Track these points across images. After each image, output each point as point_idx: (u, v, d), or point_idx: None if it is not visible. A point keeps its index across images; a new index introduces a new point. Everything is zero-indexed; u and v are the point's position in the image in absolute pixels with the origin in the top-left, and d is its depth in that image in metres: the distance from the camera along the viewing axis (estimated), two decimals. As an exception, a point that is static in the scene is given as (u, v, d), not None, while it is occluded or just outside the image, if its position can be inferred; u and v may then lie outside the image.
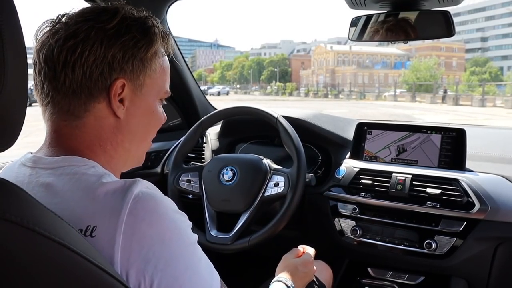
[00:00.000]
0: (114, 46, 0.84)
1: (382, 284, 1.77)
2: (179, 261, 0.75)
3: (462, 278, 1.66)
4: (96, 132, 0.87)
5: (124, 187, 0.76)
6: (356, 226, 1.75)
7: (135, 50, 0.86)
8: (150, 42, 0.88)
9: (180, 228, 0.78)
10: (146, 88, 0.91)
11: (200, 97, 2.49)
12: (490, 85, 47.22)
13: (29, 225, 0.56)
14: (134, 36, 0.86)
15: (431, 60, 64.49)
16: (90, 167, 0.82)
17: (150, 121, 0.96)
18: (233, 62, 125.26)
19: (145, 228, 0.73)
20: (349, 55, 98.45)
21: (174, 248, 0.75)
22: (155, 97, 0.95)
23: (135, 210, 0.73)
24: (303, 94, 61.10)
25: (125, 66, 0.86)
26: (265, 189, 1.64)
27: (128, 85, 0.87)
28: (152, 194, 0.78)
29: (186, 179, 1.77)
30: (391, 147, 1.80)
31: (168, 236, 0.75)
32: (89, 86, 0.84)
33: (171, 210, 0.79)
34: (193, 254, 0.79)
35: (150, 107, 0.94)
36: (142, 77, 0.89)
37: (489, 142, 1.93)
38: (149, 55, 0.89)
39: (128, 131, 0.91)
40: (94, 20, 0.84)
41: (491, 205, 1.52)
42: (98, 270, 0.63)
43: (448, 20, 1.52)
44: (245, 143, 2.16)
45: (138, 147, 0.97)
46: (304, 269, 1.38)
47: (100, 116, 0.87)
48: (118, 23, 0.85)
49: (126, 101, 0.88)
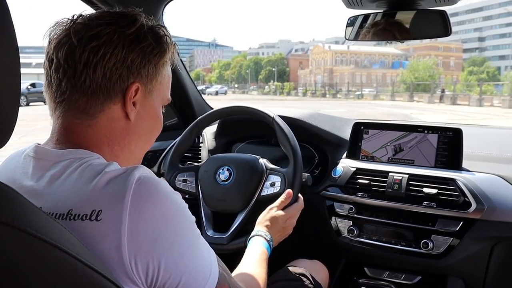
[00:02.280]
0: (134, 51, 0.88)
1: (379, 284, 1.77)
2: (183, 239, 0.80)
3: (459, 278, 1.66)
4: (106, 132, 0.90)
5: (127, 172, 0.79)
6: (352, 226, 1.75)
7: (151, 56, 0.91)
8: (163, 51, 0.93)
9: (181, 208, 0.82)
10: (155, 94, 0.96)
11: (196, 97, 2.49)
12: (487, 84, 47.28)
13: (20, 226, 0.56)
14: (150, 43, 0.90)
15: (430, 60, 64.56)
16: (95, 158, 0.85)
17: (154, 125, 1.00)
18: (231, 61, 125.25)
19: (150, 208, 0.76)
20: (347, 54, 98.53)
21: (177, 227, 0.79)
22: (160, 102, 1.00)
23: (139, 191, 0.76)
24: (301, 94, 61.13)
25: (141, 71, 0.90)
26: (261, 189, 1.64)
27: (141, 89, 0.91)
28: (152, 178, 0.80)
29: (182, 179, 1.76)
30: (388, 146, 1.80)
31: (171, 216, 0.79)
32: (108, 87, 0.87)
33: (171, 191, 0.82)
34: (194, 232, 0.84)
35: (156, 112, 0.99)
36: (154, 83, 0.94)
37: (485, 141, 1.93)
38: (161, 62, 0.94)
39: (135, 134, 0.95)
40: (115, 24, 0.87)
41: (488, 205, 1.52)
42: (91, 271, 0.63)
43: (445, 19, 1.52)
44: (241, 142, 2.16)
45: (142, 149, 1.01)
46: (284, 224, 1.45)
47: (113, 117, 0.90)
48: (137, 29, 0.89)
49: (138, 105, 0.92)
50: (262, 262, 1.24)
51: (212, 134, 2.19)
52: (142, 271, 0.74)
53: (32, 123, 13.24)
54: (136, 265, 0.73)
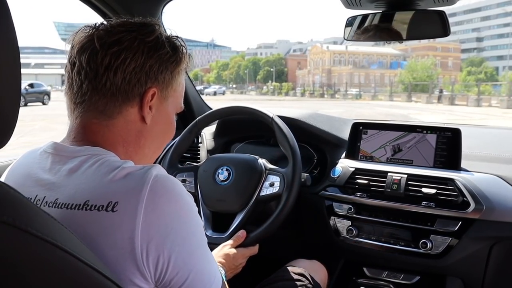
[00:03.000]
0: (152, 57, 0.92)
1: (378, 283, 1.77)
2: (193, 239, 0.83)
3: (458, 278, 1.66)
4: (122, 133, 0.94)
5: (144, 169, 0.83)
6: (351, 226, 1.75)
7: (168, 63, 0.95)
8: (179, 59, 0.98)
9: (193, 209, 0.86)
10: (170, 100, 1.00)
11: (195, 97, 2.49)
12: (485, 85, 47.33)
13: (21, 226, 0.56)
14: (168, 51, 0.95)
15: (428, 60, 64.58)
16: (111, 156, 0.89)
17: (168, 130, 1.04)
18: (229, 62, 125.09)
19: (164, 205, 0.79)
20: (345, 55, 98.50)
21: (189, 226, 0.83)
22: (174, 109, 1.04)
23: (155, 187, 0.80)
24: (299, 94, 61.13)
25: (159, 77, 0.94)
26: (260, 189, 1.64)
27: (157, 94, 0.96)
28: (169, 176, 0.85)
29: (181, 179, 1.76)
30: (387, 147, 1.80)
31: (184, 214, 0.83)
32: (127, 90, 0.91)
33: (185, 192, 0.85)
34: (202, 235, 0.87)
35: (170, 118, 1.03)
36: (170, 89, 0.98)
37: (484, 141, 1.93)
38: (177, 70, 0.98)
39: (150, 137, 0.99)
40: (136, 31, 0.92)
41: (486, 205, 1.52)
42: (91, 270, 0.63)
43: (443, 20, 1.52)
44: (240, 143, 2.16)
45: (154, 153, 1.05)
46: (235, 262, 1.48)
47: (129, 120, 0.94)
48: (156, 37, 0.94)
49: (154, 109, 0.96)
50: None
51: (211, 134, 2.19)
52: (152, 263, 0.77)
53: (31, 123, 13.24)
54: (147, 256, 0.76)
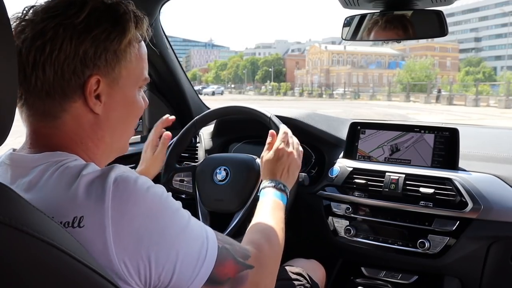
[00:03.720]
0: (85, 41, 0.80)
1: (376, 283, 1.77)
2: (169, 231, 0.78)
3: (455, 277, 1.66)
4: (75, 130, 0.86)
5: (103, 174, 0.76)
6: (349, 225, 1.75)
7: (107, 43, 0.83)
8: (122, 32, 0.85)
9: (163, 200, 0.80)
10: (123, 80, 0.88)
11: (193, 97, 2.49)
12: (484, 85, 47.41)
13: (17, 225, 0.56)
14: (105, 29, 0.82)
15: (426, 60, 64.62)
16: (72, 160, 0.81)
17: (130, 112, 0.94)
18: (227, 62, 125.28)
19: (132, 208, 0.74)
20: (343, 55, 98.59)
21: (163, 219, 0.78)
22: (133, 87, 0.92)
23: (118, 192, 0.74)
24: (297, 94, 61.19)
25: (98, 62, 0.83)
26: (258, 189, 1.64)
27: (103, 80, 0.84)
28: (130, 175, 0.78)
29: (179, 179, 1.76)
30: (385, 146, 1.80)
31: (154, 211, 0.77)
32: (63, 85, 0.81)
33: (150, 185, 0.79)
34: (181, 219, 0.82)
35: (129, 98, 0.92)
36: (117, 70, 0.86)
37: (482, 141, 1.94)
38: (122, 46, 0.86)
39: (108, 126, 0.90)
40: (61, 15, 0.80)
41: (484, 204, 1.52)
42: (87, 269, 0.63)
43: (441, 19, 1.52)
44: (238, 142, 2.16)
45: (120, 139, 0.96)
46: (278, 159, 1.35)
47: (77, 115, 0.85)
48: (87, 16, 0.81)
49: (103, 96, 0.86)
50: (273, 211, 1.18)
51: (209, 134, 2.19)
52: (134, 271, 0.73)
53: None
54: (127, 266, 0.72)
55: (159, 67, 2.26)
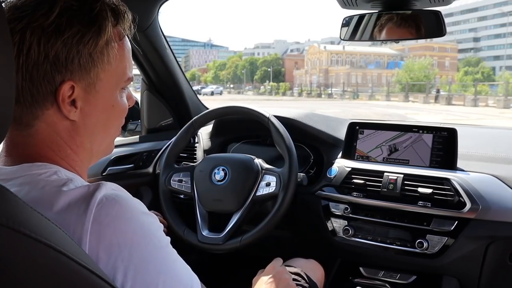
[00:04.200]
0: (55, 45, 0.74)
1: (374, 283, 1.76)
2: (149, 266, 0.70)
3: (454, 277, 1.66)
4: (51, 138, 0.80)
5: (87, 193, 0.71)
6: (348, 225, 1.75)
7: (80, 46, 0.76)
8: (98, 33, 0.78)
9: (148, 232, 0.73)
10: (101, 84, 0.81)
11: (192, 97, 2.49)
12: (482, 85, 47.44)
13: (14, 226, 0.55)
14: (78, 30, 0.75)
15: (425, 60, 64.64)
16: (52, 174, 0.76)
17: (110, 116, 0.86)
18: (226, 62, 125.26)
19: (111, 235, 0.68)
20: (342, 55, 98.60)
21: (143, 253, 0.70)
22: (114, 89, 0.85)
23: (99, 217, 0.69)
24: (296, 94, 61.21)
25: (70, 66, 0.76)
26: (256, 189, 1.64)
27: (78, 85, 0.78)
28: (117, 197, 0.72)
29: (177, 179, 1.76)
30: (383, 146, 1.80)
31: (136, 241, 0.70)
32: (32, 92, 0.75)
33: (138, 212, 0.73)
34: (166, 258, 0.74)
35: (109, 102, 0.85)
36: (94, 74, 0.79)
37: (480, 141, 1.94)
38: (99, 48, 0.79)
39: (87, 132, 0.83)
40: (28, 16, 0.73)
41: (482, 204, 1.52)
42: (85, 271, 0.62)
43: (440, 20, 1.52)
44: (237, 143, 2.16)
45: (102, 142, 0.89)
46: (270, 280, 1.20)
47: (52, 122, 0.79)
48: (57, 16, 0.74)
49: (79, 102, 0.79)
50: None
51: (208, 134, 2.19)
52: None
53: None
54: None
55: (158, 68, 2.26)
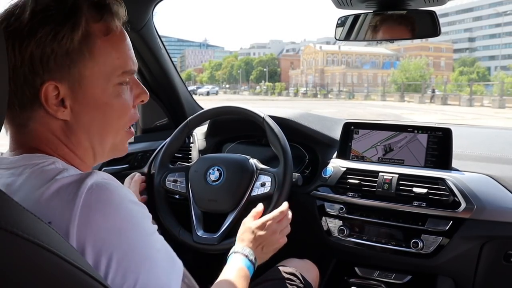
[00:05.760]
0: (29, 46, 0.74)
1: (370, 283, 1.77)
2: (135, 253, 0.72)
3: (449, 277, 1.66)
4: (47, 137, 0.82)
5: (78, 180, 0.73)
6: (343, 225, 1.75)
7: (54, 45, 0.75)
8: (72, 30, 0.76)
9: (136, 219, 0.75)
10: (87, 80, 0.80)
11: (187, 97, 2.48)
12: (478, 85, 47.63)
13: (7, 227, 0.55)
14: (51, 29, 0.75)
15: (421, 60, 64.87)
16: (49, 163, 0.78)
17: (105, 113, 0.85)
18: (222, 62, 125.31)
19: (99, 220, 0.70)
20: (338, 55, 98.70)
21: (130, 239, 0.72)
22: (105, 85, 0.83)
23: (89, 201, 0.70)
24: (292, 94, 61.30)
25: (47, 66, 0.76)
26: (251, 189, 1.64)
27: (61, 84, 0.78)
28: (107, 184, 0.74)
29: (172, 179, 1.76)
30: (378, 146, 1.80)
31: (124, 227, 0.72)
32: (17, 95, 0.77)
33: (128, 200, 0.75)
34: (151, 246, 0.76)
35: (101, 99, 0.83)
36: (75, 71, 0.79)
37: (475, 141, 1.94)
38: (75, 44, 0.77)
39: (82, 131, 0.84)
40: (6, 22, 0.76)
41: (477, 204, 1.52)
42: (78, 271, 0.62)
43: (434, 20, 1.52)
44: (232, 143, 2.15)
45: (103, 142, 0.88)
46: (260, 232, 1.30)
47: (45, 122, 0.81)
48: (30, 17, 0.75)
49: (68, 101, 0.80)
50: (238, 279, 1.12)
51: (203, 134, 2.18)
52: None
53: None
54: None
55: (153, 68, 2.26)
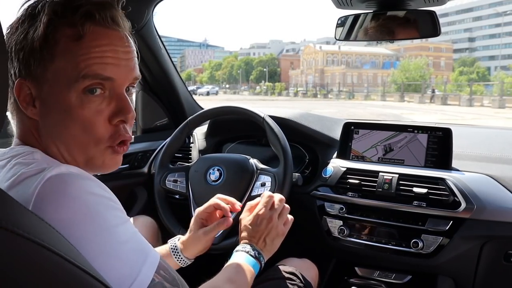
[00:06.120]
0: (10, 40, 0.79)
1: (370, 283, 1.77)
2: (90, 246, 0.69)
3: (449, 277, 1.66)
4: (24, 134, 0.85)
5: (41, 172, 0.72)
6: (343, 225, 1.75)
7: (24, 42, 0.78)
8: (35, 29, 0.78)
9: (94, 211, 0.72)
10: (49, 83, 0.79)
11: (187, 97, 2.49)
12: (478, 85, 47.64)
13: (8, 226, 0.55)
14: (24, 28, 0.79)
15: (421, 60, 64.83)
16: (27, 154, 0.79)
17: (69, 120, 0.80)
18: (222, 62, 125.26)
19: (52, 212, 0.68)
20: (338, 55, 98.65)
21: (84, 232, 0.70)
22: (65, 91, 0.79)
23: (43, 193, 0.69)
24: (292, 94, 61.25)
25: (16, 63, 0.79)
26: (251, 189, 1.64)
27: (31, 83, 0.79)
28: (67, 176, 0.72)
29: (172, 179, 1.76)
30: (378, 146, 1.80)
31: (77, 220, 0.70)
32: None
33: (85, 192, 0.72)
34: (111, 238, 0.72)
35: (64, 104, 0.79)
36: (38, 71, 0.79)
37: (475, 141, 1.94)
38: (38, 44, 0.77)
39: (48, 135, 0.83)
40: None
41: (477, 204, 1.53)
42: (79, 270, 0.62)
43: (434, 20, 1.52)
44: (232, 143, 2.16)
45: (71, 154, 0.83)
46: (256, 225, 1.24)
47: (21, 117, 0.84)
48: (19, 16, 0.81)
49: (37, 101, 0.80)
50: (236, 275, 1.09)
51: (203, 134, 2.18)
52: None
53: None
54: None
55: (153, 68, 2.26)
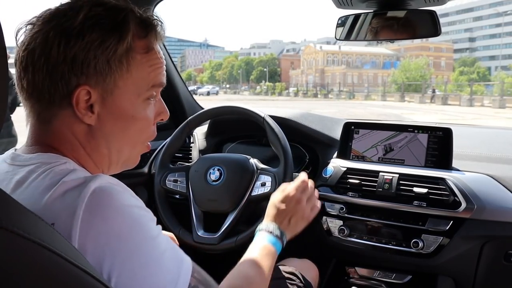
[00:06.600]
0: (74, 47, 0.77)
1: (370, 283, 1.77)
2: (137, 256, 0.73)
3: (449, 277, 1.66)
4: (66, 137, 0.84)
5: (84, 183, 0.73)
6: (343, 225, 1.75)
7: (98, 51, 0.79)
8: (117, 41, 0.80)
9: (138, 223, 0.75)
10: (119, 91, 0.83)
11: (187, 97, 2.49)
12: (478, 85, 47.66)
13: (8, 226, 0.55)
14: (98, 36, 0.79)
15: (421, 60, 64.86)
16: (61, 164, 0.79)
17: (129, 125, 0.87)
18: (222, 62, 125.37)
19: (99, 224, 0.71)
20: (338, 55, 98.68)
21: (131, 243, 0.73)
22: (134, 99, 0.86)
23: (91, 205, 0.71)
24: (292, 94, 61.29)
25: (86, 70, 0.79)
26: (252, 189, 1.64)
27: (94, 90, 0.81)
28: (110, 188, 0.74)
29: (173, 179, 1.76)
30: (378, 146, 1.80)
31: (124, 231, 0.72)
32: (50, 91, 0.79)
33: (128, 204, 0.75)
34: (154, 248, 0.76)
35: (127, 111, 0.86)
36: (111, 80, 0.82)
37: (475, 141, 1.94)
38: (117, 56, 0.81)
39: (102, 138, 0.86)
40: (54, 20, 0.79)
41: (477, 204, 1.52)
42: (80, 271, 0.62)
43: (434, 19, 1.52)
44: (232, 142, 2.16)
45: (120, 152, 0.90)
46: (283, 204, 1.24)
47: (68, 122, 0.83)
48: (82, 21, 0.78)
49: (97, 107, 0.82)
50: (262, 257, 1.10)
51: (203, 134, 2.18)
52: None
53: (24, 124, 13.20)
54: None
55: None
